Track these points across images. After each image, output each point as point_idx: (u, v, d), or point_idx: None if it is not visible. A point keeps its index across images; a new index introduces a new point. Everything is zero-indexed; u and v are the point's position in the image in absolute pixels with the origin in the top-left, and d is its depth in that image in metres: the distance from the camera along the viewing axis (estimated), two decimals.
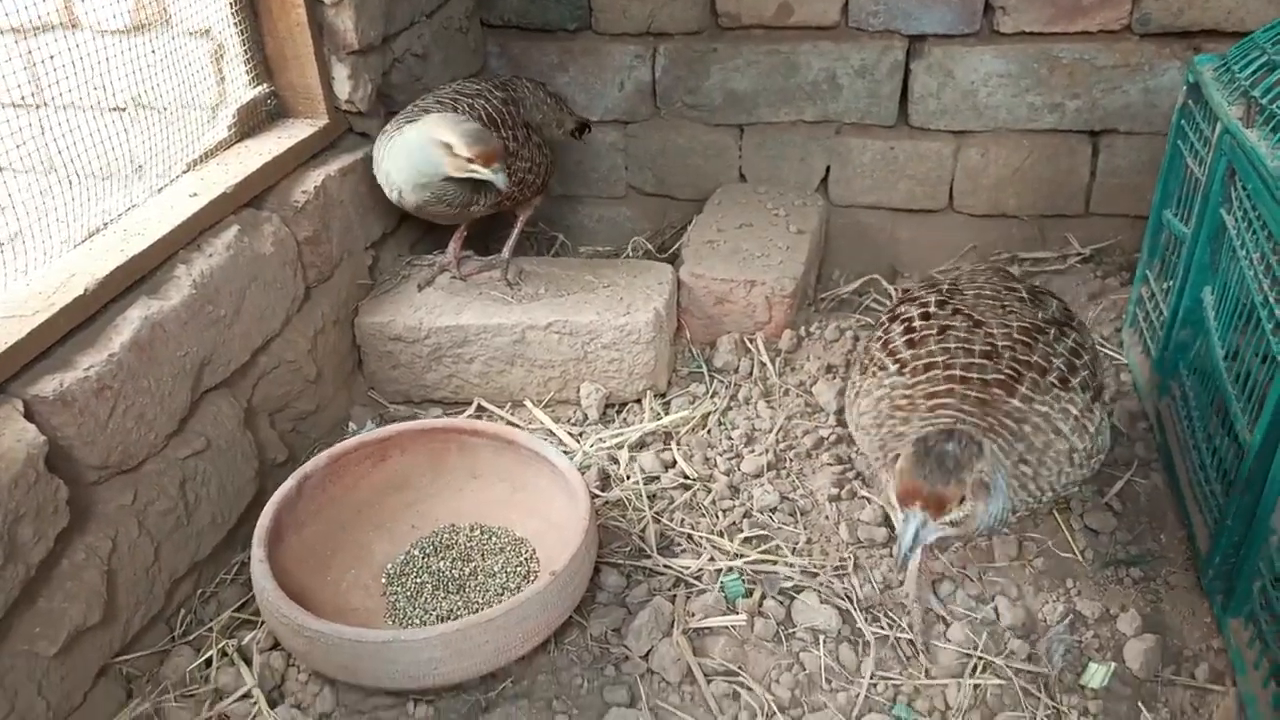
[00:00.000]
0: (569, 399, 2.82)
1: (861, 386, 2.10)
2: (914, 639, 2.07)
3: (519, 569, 2.21)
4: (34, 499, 1.74)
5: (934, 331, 2.03)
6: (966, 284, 2.23)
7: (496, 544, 2.28)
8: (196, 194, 2.31)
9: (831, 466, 2.52)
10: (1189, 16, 3.02)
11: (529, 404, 2.80)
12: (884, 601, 2.16)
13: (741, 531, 2.35)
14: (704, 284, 2.96)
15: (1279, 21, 2.32)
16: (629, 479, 2.52)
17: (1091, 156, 3.26)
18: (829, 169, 3.43)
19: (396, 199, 2.69)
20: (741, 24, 3.30)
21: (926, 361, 1.97)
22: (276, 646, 2.07)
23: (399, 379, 2.82)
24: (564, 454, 2.29)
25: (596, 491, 2.45)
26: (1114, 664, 2.00)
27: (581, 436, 2.69)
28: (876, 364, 2.08)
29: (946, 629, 2.09)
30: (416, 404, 2.86)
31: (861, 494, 2.43)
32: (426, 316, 2.74)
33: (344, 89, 2.72)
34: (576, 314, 2.72)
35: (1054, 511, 2.36)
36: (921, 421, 1.86)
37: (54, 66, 2.05)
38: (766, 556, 2.27)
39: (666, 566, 2.25)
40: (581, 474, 2.21)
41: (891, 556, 2.23)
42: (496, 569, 2.21)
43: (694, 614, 2.12)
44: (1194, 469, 2.28)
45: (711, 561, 2.26)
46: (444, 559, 2.25)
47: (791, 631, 2.10)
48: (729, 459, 2.58)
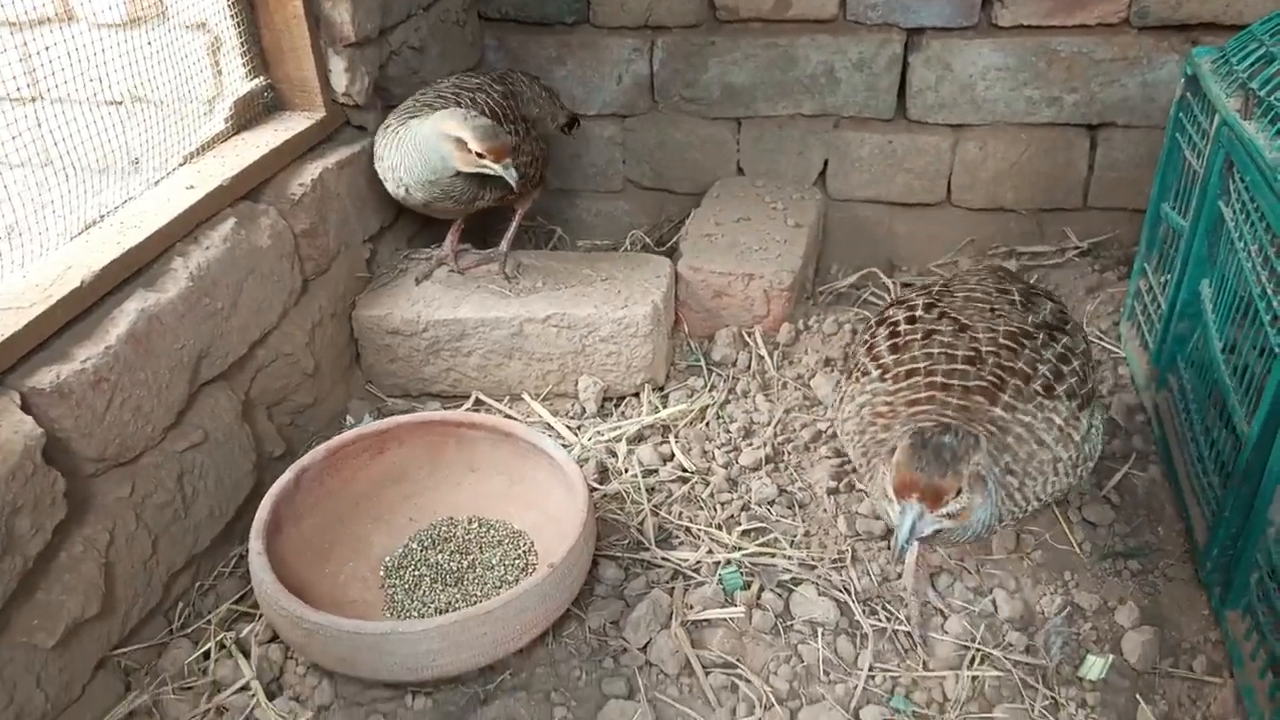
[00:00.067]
0: (567, 392, 2.82)
1: (846, 391, 2.10)
2: (912, 631, 2.07)
3: (517, 562, 2.21)
4: (31, 491, 1.74)
5: (918, 336, 2.01)
6: (958, 286, 2.20)
7: (494, 537, 2.28)
8: (193, 187, 2.30)
9: (830, 459, 2.52)
10: (1187, 9, 3.02)
11: (527, 397, 2.80)
12: (882, 594, 2.16)
13: (740, 524, 2.35)
14: (702, 277, 2.96)
15: (1277, 14, 2.32)
16: (627, 472, 2.52)
17: (1089, 150, 3.26)
18: (827, 163, 3.43)
19: (403, 195, 2.68)
20: (739, 17, 3.29)
21: (909, 368, 1.96)
22: (275, 639, 2.07)
23: (397, 372, 2.82)
24: (562, 447, 2.29)
25: (594, 484, 2.45)
26: (1112, 656, 2.01)
27: (579, 430, 2.69)
28: (860, 369, 2.07)
29: (944, 621, 2.09)
30: (414, 397, 2.85)
31: (859, 488, 2.43)
32: (424, 310, 2.74)
33: (341, 82, 2.72)
34: (574, 307, 2.72)
35: (1052, 505, 2.36)
36: (903, 429, 1.84)
37: (49, 56, 2.04)
38: (764, 549, 2.27)
39: (665, 559, 2.25)
40: (579, 467, 2.21)
41: (889, 549, 2.22)
42: (494, 562, 2.21)
43: (692, 606, 2.13)
44: (1192, 462, 2.28)
45: (710, 554, 2.26)
46: (442, 552, 2.25)
47: (789, 624, 2.10)
48: (727, 452, 2.58)
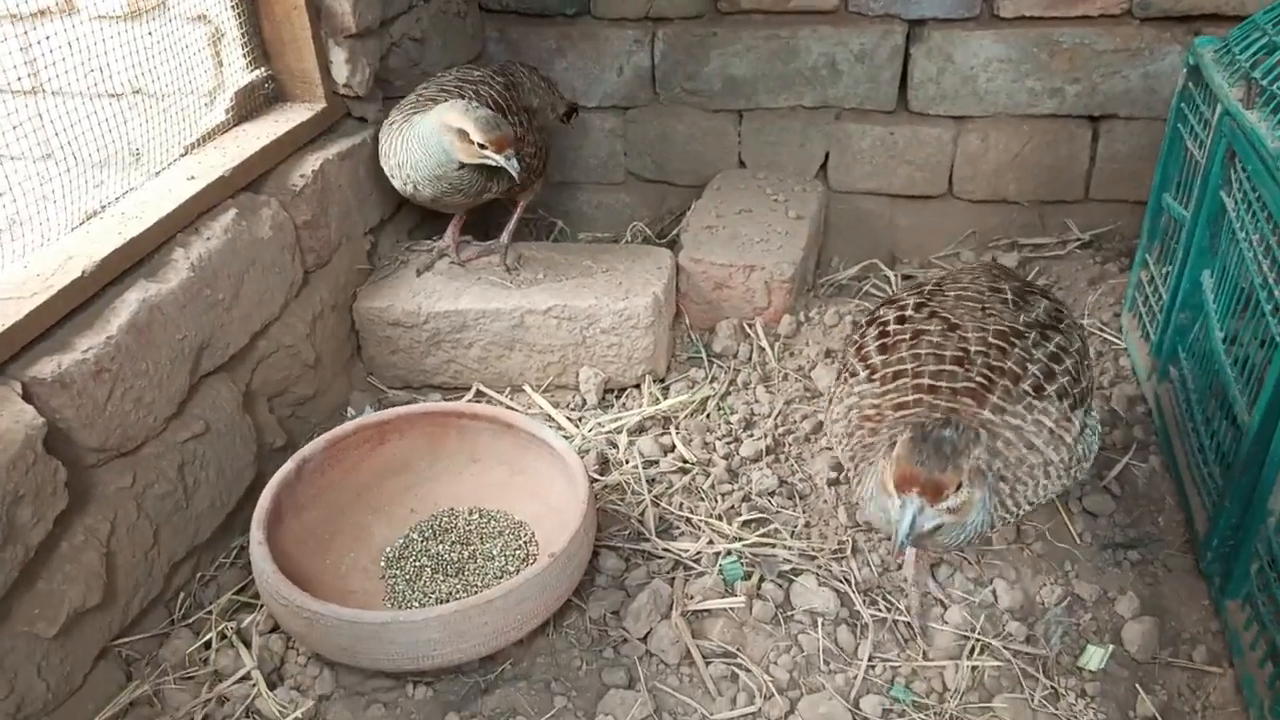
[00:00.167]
0: (568, 384, 2.82)
1: (835, 393, 2.08)
2: (912, 621, 2.07)
3: (518, 552, 2.21)
4: (33, 480, 1.74)
5: (907, 336, 1.98)
6: (950, 284, 2.17)
7: (495, 527, 2.28)
8: (194, 177, 2.30)
9: (830, 451, 2.52)
10: (1189, 0, 3.01)
11: (528, 389, 2.80)
12: (882, 584, 2.16)
13: (740, 515, 2.35)
14: (703, 269, 2.96)
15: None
16: (628, 463, 2.52)
17: (1091, 142, 3.25)
18: (828, 155, 3.42)
19: (411, 192, 2.68)
20: (741, 8, 3.29)
21: (896, 369, 1.93)
22: (276, 629, 2.07)
23: (398, 364, 2.82)
24: (563, 438, 2.29)
25: (595, 475, 2.46)
26: (1112, 646, 2.01)
27: (580, 421, 2.69)
28: (849, 369, 2.05)
29: (944, 611, 2.09)
30: (415, 389, 2.85)
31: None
32: (425, 301, 2.74)
33: (342, 73, 2.71)
34: (575, 299, 2.72)
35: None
36: (890, 432, 1.82)
37: (49, 46, 2.04)
38: (765, 540, 2.27)
39: (665, 550, 2.25)
40: (580, 458, 2.21)
41: (889, 541, 2.21)
42: (495, 552, 2.21)
43: (692, 596, 2.13)
44: (1192, 452, 2.28)
45: (710, 544, 2.26)
46: (443, 542, 2.25)
47: (790, 614, 2.10)
48: (728, 443, 2.58)
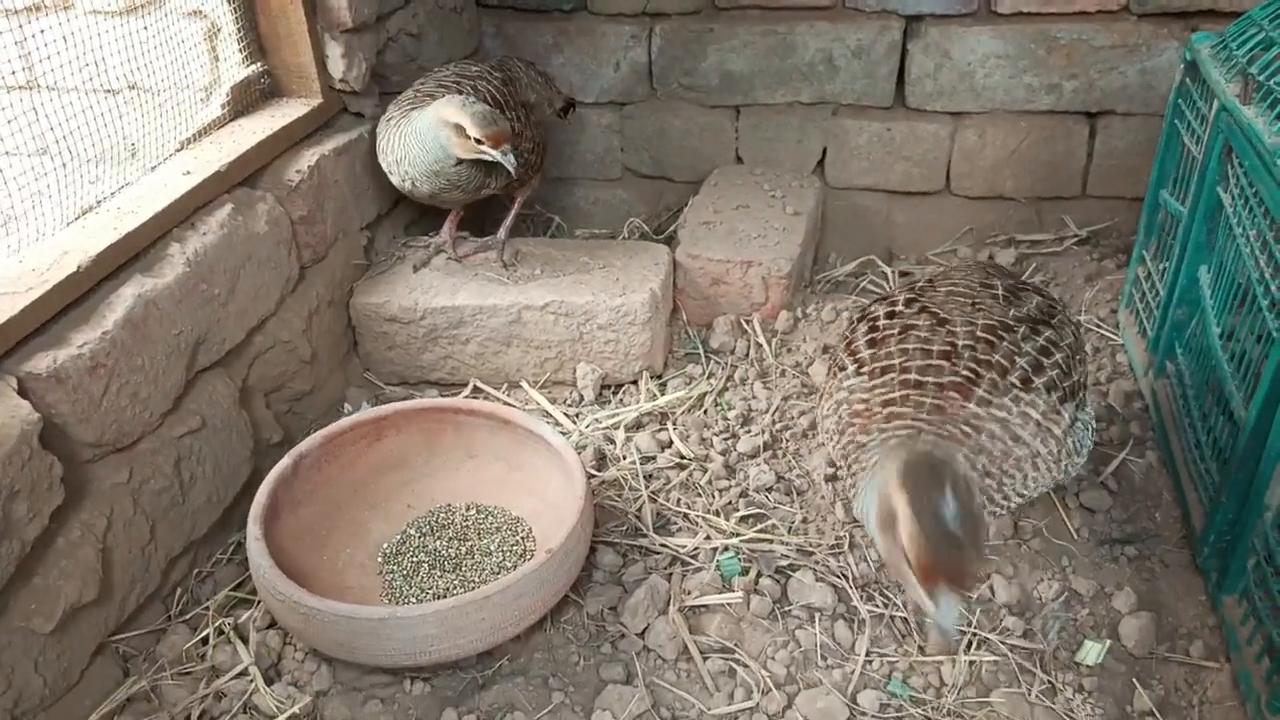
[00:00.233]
0: (565, 380, 2.81)
1: (825, 388, 2.08)
2: (909, 616, 2.07)
3: (515, 548, 2.21)
4: (28, 475, 1.74)
5: (895, 331, 1.98)
6: (942, 281, 2.17)
7: (493, 523, 2.28)
8: (190, 172, 2.30)
9: (827, 446, 2.52)
10: None
11: (525, 385, 2.80)
12: (879, 579, 2.16)
13: (738, 510, 2.35)
14: (700, 265, 2.96)
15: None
16: (625, 459, 2.51)
17: (1089, 138, 3.25)
18: (825, 150, 3.42)
19: (409, 188, 2.67)
20: (738, 4, 3.28)
21: (884, 364, 1.92)
22: (273, 625, 2.07)
23: (395, 360, 2.81)
24: (560, 433, 2.28)
25: (593, 471, 2.45)
26: (1109, 641, 2.01)
27: (578, 417, 2.69)
28: (838, 364, 2.05)
29: None
30: (412, 385, 2.85)
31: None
32: (422, 297, 2.73)
33: (338, 68, 2.71)
34: (572, 295, 2.72)
35: (1049, 491, 2.36)
36: (881, 433, 1.82)
37: (43, 42, 2.03)
38: (762, 535, 2.27)
39: (663, 545, 2.25)
40: (578, 453, 2.21)
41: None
42: (493, 548, 2.21)
43: (690, 592, 2.13)
44: (1189, 447, 2.29)
45: (708, 540, 2.26)
46: (440, 538, 2.25)
47: (787, 609, 2.10)
48: (725, 439, 2.58)
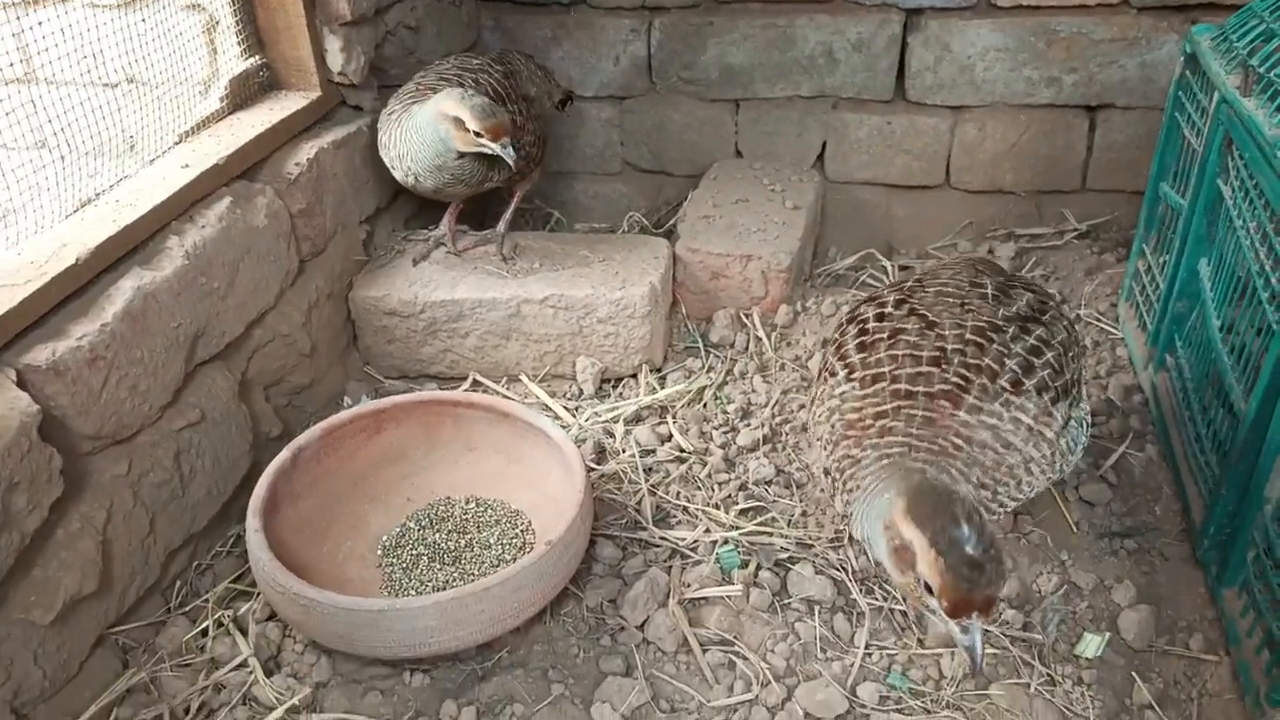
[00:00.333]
0: (564, 373, 2.81)
1: (816, 393, 2.06)
2: (908, 609, 2.07)
3: (514, 541, 2.21)
4: (28, 467, 1.74)
5: (885, 335, 1.96)
6: (931, 280, 2.14)
7: (492, 516, 2.28)
8: (188, 165, 2.29)
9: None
10: None
11: (524, 378, 2.80)
12: (878, 573, 2.16)
13: (737, 504, 2.35)
14: (700, 259, 2.96)
15: None
16: (625, 452, 2.51)
17: (1088, 132, 3.25)
18: (825, 144, 3.42)
19: (412, 183, 2.67)
20: None
21: (875, 372, 1.91)
22: (273, 617, 2.07)
23: (394, 353, 2.81)
24: (560, 426, 2.28)
25: (592, 465, 2.45)
26: (1108, 634, 2.01)
27: (577, 410, 2.69)
28: (829, 369, 2.03)
29: None
30: (412, 379, 2.85)
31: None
32: (421, 291, 2.73)
33: (336, 61, 2.70)
34: (572, 288, 2.71)
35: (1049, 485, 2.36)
36: (875, 451, 1.81)
37: (41, 34, 2.03)
38: (762, 528, 2.27)
39: (662, 538, 2.25)
40: (577, 446, 2.21)
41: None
42: (492, 541, 2.21)
43: (689, 585, 2.13)
44: (1189, 441, 2.28)
45: (707, 533, 2.26)
46: (439, 531, 2.25)
47: (787, 602, 2.10)
48: (725, 432, 2.58)
